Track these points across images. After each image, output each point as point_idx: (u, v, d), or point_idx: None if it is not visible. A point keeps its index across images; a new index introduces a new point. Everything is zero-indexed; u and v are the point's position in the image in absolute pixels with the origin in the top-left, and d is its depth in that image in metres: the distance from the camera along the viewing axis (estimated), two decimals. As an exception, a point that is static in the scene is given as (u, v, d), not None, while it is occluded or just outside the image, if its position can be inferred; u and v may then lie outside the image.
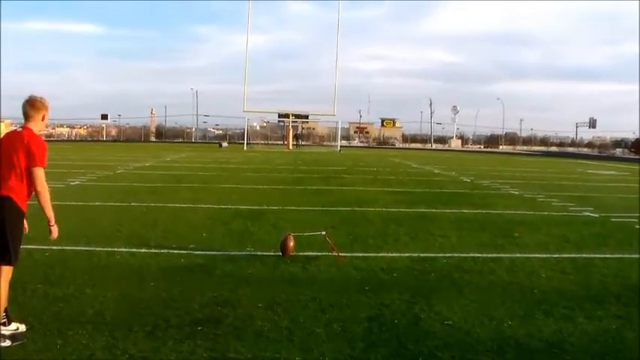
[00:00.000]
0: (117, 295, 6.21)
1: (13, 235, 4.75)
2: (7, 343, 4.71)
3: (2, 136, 5.02)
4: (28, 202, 4.88)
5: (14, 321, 4.89)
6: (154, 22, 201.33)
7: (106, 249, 8.44)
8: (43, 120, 4.99)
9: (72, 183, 17.73)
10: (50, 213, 4.91)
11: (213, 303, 6.02)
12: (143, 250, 8.40)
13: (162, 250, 8.42)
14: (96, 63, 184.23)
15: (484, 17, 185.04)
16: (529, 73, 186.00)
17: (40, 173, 4.78)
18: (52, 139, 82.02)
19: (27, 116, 4.92)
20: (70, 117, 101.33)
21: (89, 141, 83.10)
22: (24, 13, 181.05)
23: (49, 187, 4.87)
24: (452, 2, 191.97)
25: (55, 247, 7.79)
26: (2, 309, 4.78)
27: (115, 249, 8.42)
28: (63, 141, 79.95)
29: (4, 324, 4.80)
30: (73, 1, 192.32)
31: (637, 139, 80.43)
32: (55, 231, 5.02)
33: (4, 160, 4.75)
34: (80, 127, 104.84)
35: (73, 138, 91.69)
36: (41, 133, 5.05)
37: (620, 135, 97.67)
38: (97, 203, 13.61)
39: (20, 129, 4.94)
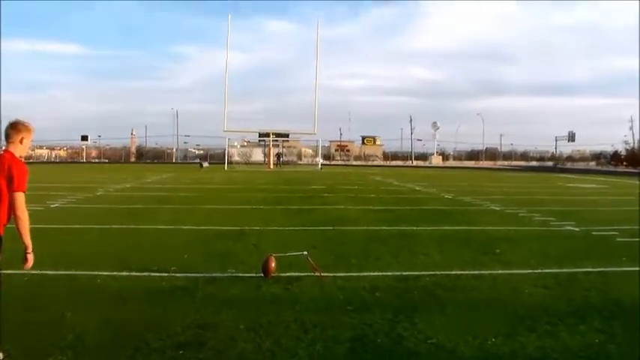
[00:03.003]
0: (98, 319, 6.14)
1: None
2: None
3: None
4: (6, 225, 4.81)
5: (-8, 348, 4.81)
6: (135, 41, 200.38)
7: (86, 272, 8.35)
8: (21, 143, 4.87)
9: (52, 205, 17.56)
10: (28, 240, 4.81)
11: (195, 326, 5.97)
12: (124, 273, 8.32)
13: (144, 273, 8.35)
14: (76, 83, 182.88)
15: (463, 34, 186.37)
16: (508, 88, 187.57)
17: (20, 198, 4.69)
18: (31, 160, 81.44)
19: (7, 138, 4.85)
20: (49, 138, 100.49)
21: (69, 162, 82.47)
22: (2, 32, 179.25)
23: (28, 210, 4.81)
24: (431, 19, 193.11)
25: (34, 272, 7.65)
26: None
27: (96, 272, 8.32)
28: (42, 162, 79.39)
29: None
30: (54, 19, 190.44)
31: (615, 151, 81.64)
32: (30, 259, 4.89)
33: None
34: (60, 149, 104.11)
35: (52, 159, 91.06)
36: (21, 156, 4.96)
37: (599, 148, 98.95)
38: (77, 226, 13.48)
39: (2, 152, 4.85)
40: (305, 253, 8.63)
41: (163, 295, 7.18)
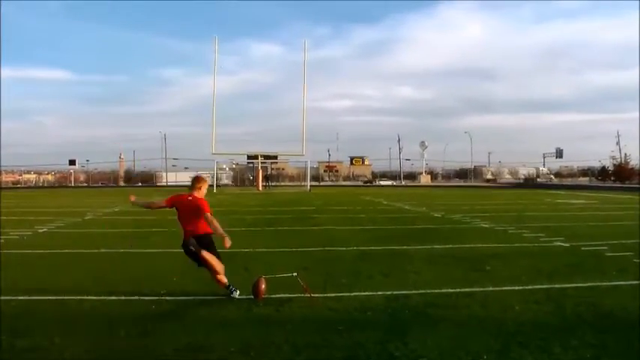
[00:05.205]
0: (87, 344, 6.09)
1: (213, 244, 8.25)
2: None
3: (179, 200, 8.36)
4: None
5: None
6: (121, 66, 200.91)
7: (75, 297, 8.28)
8: (200, 189, 8.30)
9: (40, 230, 17.39)
10: (221, 231, 7.83)
11: (187, 349, 5.93)
12: (113, 298, 8.27)
13: (133, 297, 8.30)
14: (64, 109, 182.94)
15: (449, 53, 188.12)
16: (495, 106, 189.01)
17: (209, 215, 7.95)
18: (18, 185, 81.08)
19: (193, 186, 8.34)
20: (37, 163, 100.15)
21: (57, 187, 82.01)
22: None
23: (15, 235, 4.84)
24: (416, 38, 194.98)
25: (22, 298, 7.65)
26: (222, 281, 8.29)
27: (85, 297, 8.26)
28: (30, 187, 79.01)
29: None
30: (40, 46, 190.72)
31: (603, 166, 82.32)
32: (228, 241, 7.73)
33: (187, 214, 8.20)
34: (48, 173, 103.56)
35: (40, 184, 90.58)
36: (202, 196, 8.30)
37: (587, 164, 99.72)
38: (65, 251, 13.38)
39: (190, 197, 8.22)
40: (295, 274, 8.60)
41: (154, 319, 7.13)
